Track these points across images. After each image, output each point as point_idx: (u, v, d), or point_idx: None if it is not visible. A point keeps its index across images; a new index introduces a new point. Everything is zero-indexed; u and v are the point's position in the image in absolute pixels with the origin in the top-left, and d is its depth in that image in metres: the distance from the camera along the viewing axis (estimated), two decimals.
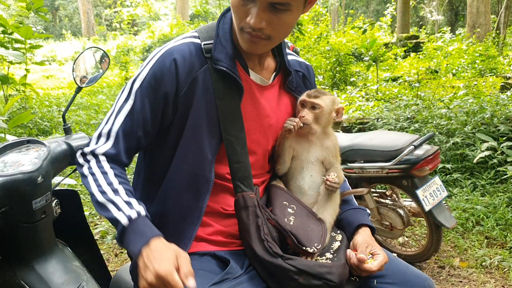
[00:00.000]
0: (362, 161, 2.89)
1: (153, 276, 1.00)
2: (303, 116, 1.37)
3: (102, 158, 1.23)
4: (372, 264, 1.21)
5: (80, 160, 1.26)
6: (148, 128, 1.25)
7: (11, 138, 2.47)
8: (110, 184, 1.19)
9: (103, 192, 1.17)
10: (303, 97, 1.41)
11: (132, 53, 18.15)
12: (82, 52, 1.58)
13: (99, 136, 1.26)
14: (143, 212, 1.16)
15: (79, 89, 1.57)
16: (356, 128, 5.44)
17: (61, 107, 8.59)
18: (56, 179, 1.49)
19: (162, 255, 1.04)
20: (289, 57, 1.47)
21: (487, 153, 4.19)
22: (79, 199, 1.55)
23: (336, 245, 1.30)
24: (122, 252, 3.26)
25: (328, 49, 10.16)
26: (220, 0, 12.00)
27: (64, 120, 1.52)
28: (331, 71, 9.61)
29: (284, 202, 1.32)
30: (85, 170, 1.23)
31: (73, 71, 1.54)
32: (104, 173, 1.21)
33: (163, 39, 17.32)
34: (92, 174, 1.21)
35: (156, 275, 1.00)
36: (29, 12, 6.50)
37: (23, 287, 1.29)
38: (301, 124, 1.37)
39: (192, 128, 1.25)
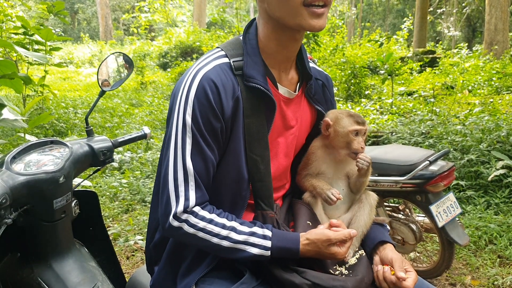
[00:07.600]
0: (376, 175, 2.88)
1: (334, 255, 1.18)
2: (363, 147, 1.34)
3: (197, 209, 1.18)
4: (408, 282, 1.18)
5: (175, 223, 1.17)
6: (216, 156, 1.22)
7: (30, 138, 2.51)
8: (223, 226, 1.18)
9: (225, 238, 1.17)
10: (359, 126, 1.34)
11: (149, 58, 18.35)
12: (107, 57, 1.61)
13: (176, 187, 1.18)
14: (266, 226, 1.22)
15: (102, 92, 1.60)
16: (370, 141, 5.42)
17: (77, 109, 8.70)
18: (76, 180, 1.51)
19: (321, 240, 1.18)
20: (310, 65, 1.46)
21: (502, 171, 4.14)
22: (98, 201, 1.57)
23: (352, 260, 1.29)
24: (133, 255, 3.28)
25: (343, 61, 10.15)
26: (237, 9, 12.10)
27: (87, 123, 1.54)
28: (346, 83, 9.59)
29: (308, 222, 1.31)
30: (188, 229, 1.17)
31: (97, 75, 1.57)
32: (211, 221, 1.18)
33: (179, 45, 17.47)
34: (200, 229, 1.17)
35: (332, 256, 1.19)
36: (49, 15, 6.62)
37: (40, 284, 1.31)
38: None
39: (232, 149, 1.24)
